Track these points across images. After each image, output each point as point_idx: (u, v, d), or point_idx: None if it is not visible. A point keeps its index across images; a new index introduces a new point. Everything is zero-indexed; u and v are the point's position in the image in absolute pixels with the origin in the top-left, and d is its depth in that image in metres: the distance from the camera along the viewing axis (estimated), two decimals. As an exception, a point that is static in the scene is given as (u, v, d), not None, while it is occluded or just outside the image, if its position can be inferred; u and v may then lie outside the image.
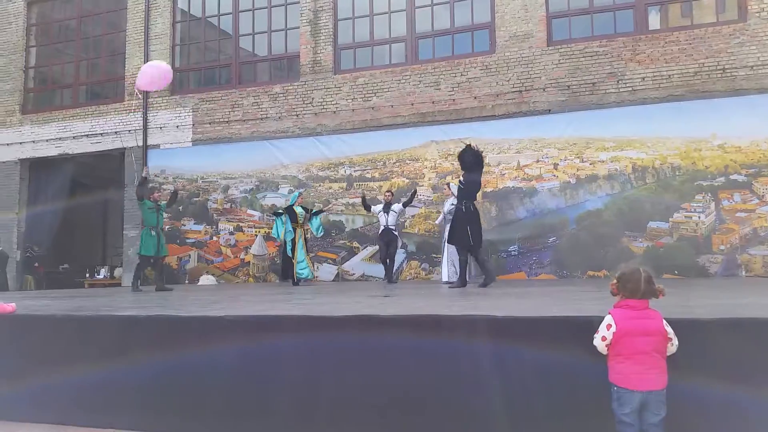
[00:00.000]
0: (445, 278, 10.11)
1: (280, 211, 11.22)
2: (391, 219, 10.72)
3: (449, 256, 10.00)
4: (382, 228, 10.83)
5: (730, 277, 9.89)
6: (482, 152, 8.54)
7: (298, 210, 10.90)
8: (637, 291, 3.10)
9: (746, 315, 3.79)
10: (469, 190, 8.24)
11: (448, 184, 10.48)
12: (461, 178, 8.40)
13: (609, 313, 3.18)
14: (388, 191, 11.19)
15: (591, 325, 3.31)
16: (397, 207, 10.83)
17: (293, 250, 10.78)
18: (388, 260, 10.81)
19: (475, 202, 8.40)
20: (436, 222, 11.04)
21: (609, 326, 3.13)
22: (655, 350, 3.08)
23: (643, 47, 10.85)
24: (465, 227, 8.08)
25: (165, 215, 10.89)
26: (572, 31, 11.53)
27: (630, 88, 10.86)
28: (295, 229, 10.83)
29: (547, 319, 3.92)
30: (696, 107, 10.43)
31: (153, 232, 10.03)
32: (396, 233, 10.88)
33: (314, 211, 11.33)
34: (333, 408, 4.03)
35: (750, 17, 10.32)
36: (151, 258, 10.23)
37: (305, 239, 11.03)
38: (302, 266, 10.78)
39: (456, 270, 9.79)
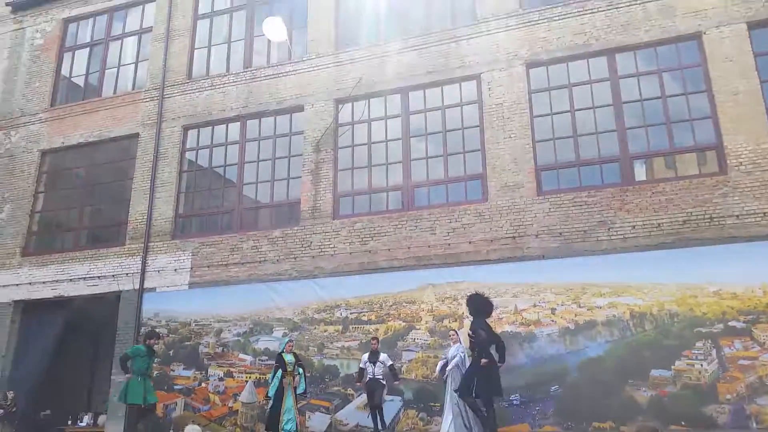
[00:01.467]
0: (444, 429, 9.68)
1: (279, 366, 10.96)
2: (378, 369, 10.56)
3: (450, 404, 9.71)
4: (368, 378, 10.56)
5: (741, 429, 9.45)
6: (486, 297, 8.70)
7: (287, 358, 10.82)
8: None
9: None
10: (475, 340, 8.28)
11: (455, 331, 10.46)
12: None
13: None
14: (374, 338, 11.04)
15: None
16: (383, 357, 10.68)
17: (281, 398, 10.47)
18: (377, 411, 10.45)
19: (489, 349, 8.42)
20: (437, 371, 10.48)
21: None
22: None
23: (631, 197, 11.26)
24: (487, 375, 8.23)
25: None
26: (561, 181, 12.02)
27: (621, 236, 11.11)
28: (283, 377, 10.61)
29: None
30: (688, 255, 10.58)
31: (140, 379, 9.80)
32: (383, 383, 10.59)
33: (299, 363, 11.08)
34: None
35: (730, 170, 10.83)
36: (142, 405, 9.88)
37: (294, 388, 10.73)
38: (288, 416, 10.36)
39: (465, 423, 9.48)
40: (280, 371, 10.75)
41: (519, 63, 12.70)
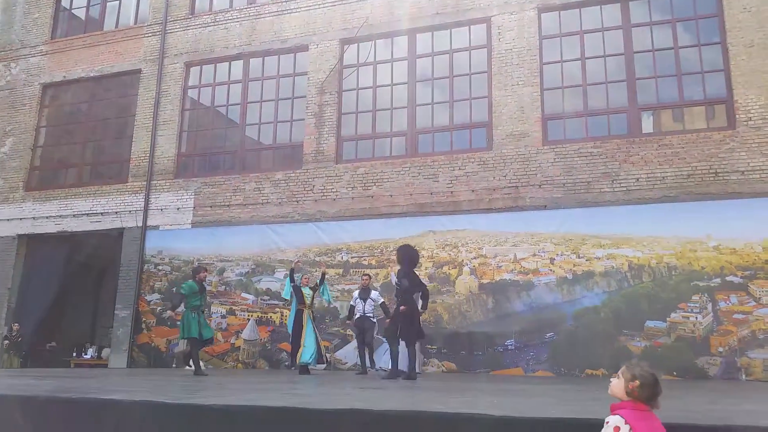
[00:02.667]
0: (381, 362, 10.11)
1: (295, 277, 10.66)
2: (368, 306, 10.63)
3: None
4: (357, 315, 10.68)
5: (731, 380, 9.70)
6: (414, 249, 9.62)
7: (305, 291, 10.44)
8: (654, 399, 2.92)
9: (749, 423, 3.70)
10: (399, 288, 9.02)
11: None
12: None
13: (616, 413, 2.90)
14: (365, 275, 11.12)
15: (592, 428, 3.20)
16: (375, 295, 10.73)
17: (301, 332, 10.21)
18: (366, 350, 10.64)
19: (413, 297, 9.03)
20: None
21: (617, 429, 2.84)
22: None
23: (637, 149, 11.18)
24: (410, 320, 8.77)
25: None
26: (567, 131, 11.92)
27: (624, 188, 11.09)
28: (301, 311, 10.35)
29: (544, 420, 3.81)
30: (690, 208, 10.60)
31: (194, 314, 9.87)
32: (374, 320, 10.70)
33: (318, 280, 10.78)
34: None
35: (738, 125, 10.71)
36: (199, 339, 10.00)
37: (314, 320, 10.42)
38: (308, 350, 10.07)
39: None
40: (295, 303, 10.45)
41: (531, 7, 12.36)
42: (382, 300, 10.89)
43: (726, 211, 10.36)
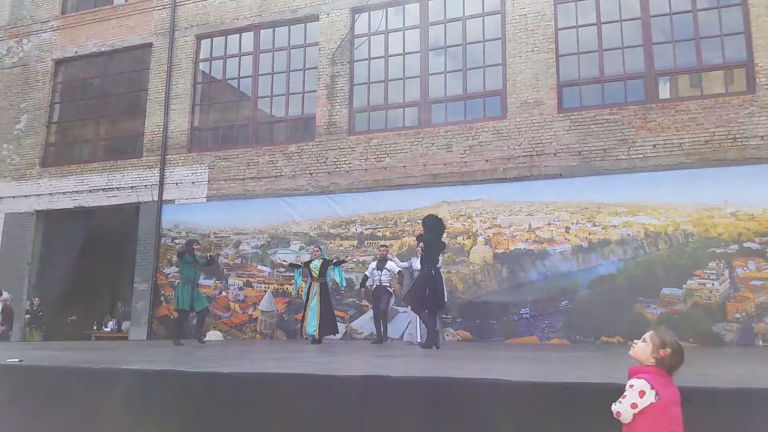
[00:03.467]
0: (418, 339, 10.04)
1: (299, 264, 11.23)
2: (384, 277, 10.67)
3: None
4: (374, 286, 10.74)
5: (747, 346, 9.68)
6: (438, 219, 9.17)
7: (313, 263, 10.70)
8: (677, 369, 2.89)
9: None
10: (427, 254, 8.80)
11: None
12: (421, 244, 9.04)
13: (641, 377, 2.83)
14: (383, 246, 11.14)
15: (610, 393, 3.19)
16: (390, 265, 10.72)
17: (306, 304, 10.59)
18: (381, 320, 10.71)
19: (437, 266, 8.98)
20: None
21: (643, 393, 2.78)
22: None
23: (654, 116, 11.01)
24: (424, 290, 8.61)
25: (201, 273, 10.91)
26: (583, 99, 11.75)
27: (641, 155, 10.96)
28: (311, 283, 10.67)
29: (563, 384, 3.84)
30: (708, 175, 10.46)
31: (188, 286, 10.07)
32: (390, 290, 10.75)
33: (334, 261, 11.02)
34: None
35: (759, 89, 10.49)
36: (188, 312, 10.18)
37: (320, 294, 10.58)
38: (310, 323, 10.40)
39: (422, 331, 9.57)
40: (309, 279, 10.76)
41: (545, -29, 12.08)
42: (399, 269, 10.76)
43: (744, 177, 10.21)
